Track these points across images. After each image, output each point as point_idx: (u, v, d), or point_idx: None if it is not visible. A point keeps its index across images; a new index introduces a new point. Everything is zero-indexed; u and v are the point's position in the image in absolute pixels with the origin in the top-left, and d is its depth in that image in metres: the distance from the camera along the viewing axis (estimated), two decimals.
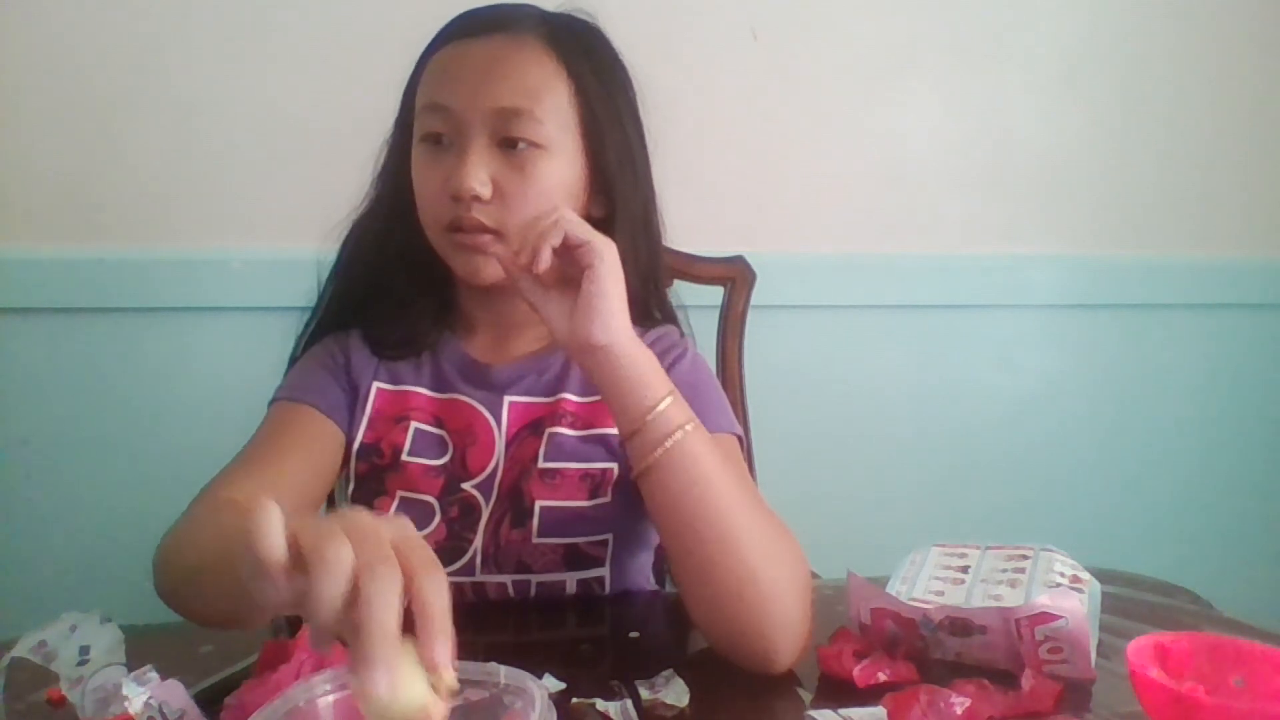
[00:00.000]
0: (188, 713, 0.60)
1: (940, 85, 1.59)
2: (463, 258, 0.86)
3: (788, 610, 0.73)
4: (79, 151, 1.29)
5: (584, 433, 0.92)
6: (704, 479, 0.73)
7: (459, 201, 0.83)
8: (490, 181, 0.83)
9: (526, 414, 0.92)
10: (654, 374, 0.75)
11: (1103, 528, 1.74)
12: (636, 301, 0.90)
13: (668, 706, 0.68)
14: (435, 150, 0.85)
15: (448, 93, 0.85)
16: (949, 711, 0.64)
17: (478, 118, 0.83)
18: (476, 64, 0.85)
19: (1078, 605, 0.70)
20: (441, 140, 0.85)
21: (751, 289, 1.40)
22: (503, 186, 0.83)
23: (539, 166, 0.84)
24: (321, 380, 0.92)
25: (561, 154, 0.86)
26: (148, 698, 0.58)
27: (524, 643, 0.85)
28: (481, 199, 0.83)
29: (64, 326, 1.31)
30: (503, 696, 0.54)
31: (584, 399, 0.93)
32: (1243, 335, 1.79)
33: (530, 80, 0.85)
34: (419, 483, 0.90)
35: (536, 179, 0.84)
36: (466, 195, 0.82)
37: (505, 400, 0.92)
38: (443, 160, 0.84)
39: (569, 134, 0.86)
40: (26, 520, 1.34)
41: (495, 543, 0.89)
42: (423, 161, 0.86)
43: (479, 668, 0.54)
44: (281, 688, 0.56)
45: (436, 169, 0.85)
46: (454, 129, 0.84)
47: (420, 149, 0.87)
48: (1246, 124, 1.74)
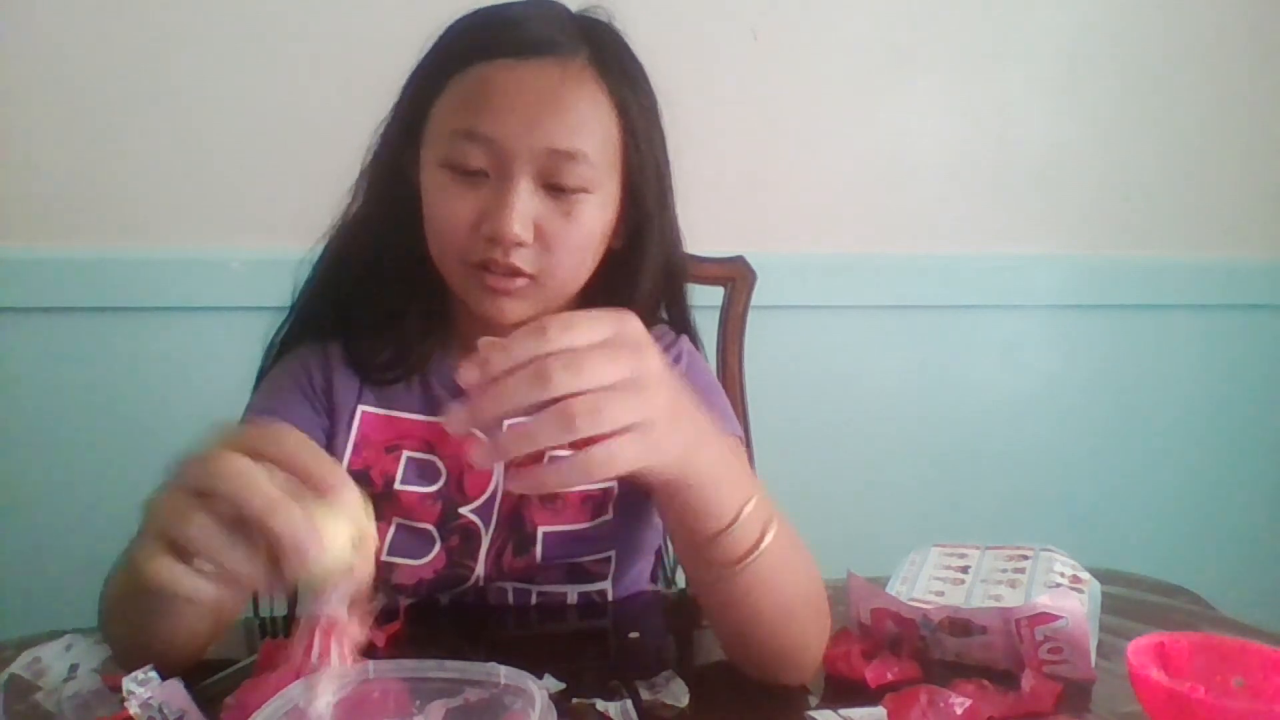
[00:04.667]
0: (188, 713, 0.60)
1: (940, 85, 1.59)
2: (488, 299, 0.79)
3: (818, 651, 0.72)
4: (79, 151, 1.29)
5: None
6: (780, 584, 0.68)
7: (495, 244, 0.76)
8: (533, 226, 0.77)
9: None
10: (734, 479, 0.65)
11: (1103, 528, 1.74)
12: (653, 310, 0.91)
13: (668, 706, 0.68)
14: (467, 181, 0.77)
15: (492, 123, 0.76)
16: (949, 711, 0.64)
17: (526, 156, 0.76)
18: (527, 96, 0.76)
19: (1078, 605, 0.70)
20: (474, 172, 0.77)
21: (752, 289, 1.40)
22: (545, 231, 0.77)
23: (585, 212, 0.79)
24: (290, 400, 0.86)
25: (604, 195, 0.80)
26: (148, 698, 0.58)
27: (524, 643, 0.85)
28: (524, 244, 0.76)
29: (64, 326, 1.31)
30: (503, 696, 0.54)
31: None
32: (1242, 335, 1.79)
33: (585, 119, 0.78)
34: (415, 511, 0.86)
35: (580, 224, 0.79)
36: (509, 241, 0.75)
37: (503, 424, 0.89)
38: (476, 194, 0.77)
39: (613, 174, 0.81)
40: (26, 520, 1.34)
41: (498, 568, 0.87)
42: (451, 191, 0.78)
43: (479, 668, 0.54)
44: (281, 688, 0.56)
45: (467, 202, 0.77)
46: (496, 164, 0.76)
47: (446, 176, 0.78)
48: (1247, 125, 1.74)
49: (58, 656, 0.66)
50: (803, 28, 1.51)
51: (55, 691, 0.63)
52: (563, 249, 0.78)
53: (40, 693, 0.63)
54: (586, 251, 0.82)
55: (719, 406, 0.90)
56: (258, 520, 0.47)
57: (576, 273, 0.82)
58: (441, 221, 0.79)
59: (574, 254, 0.80)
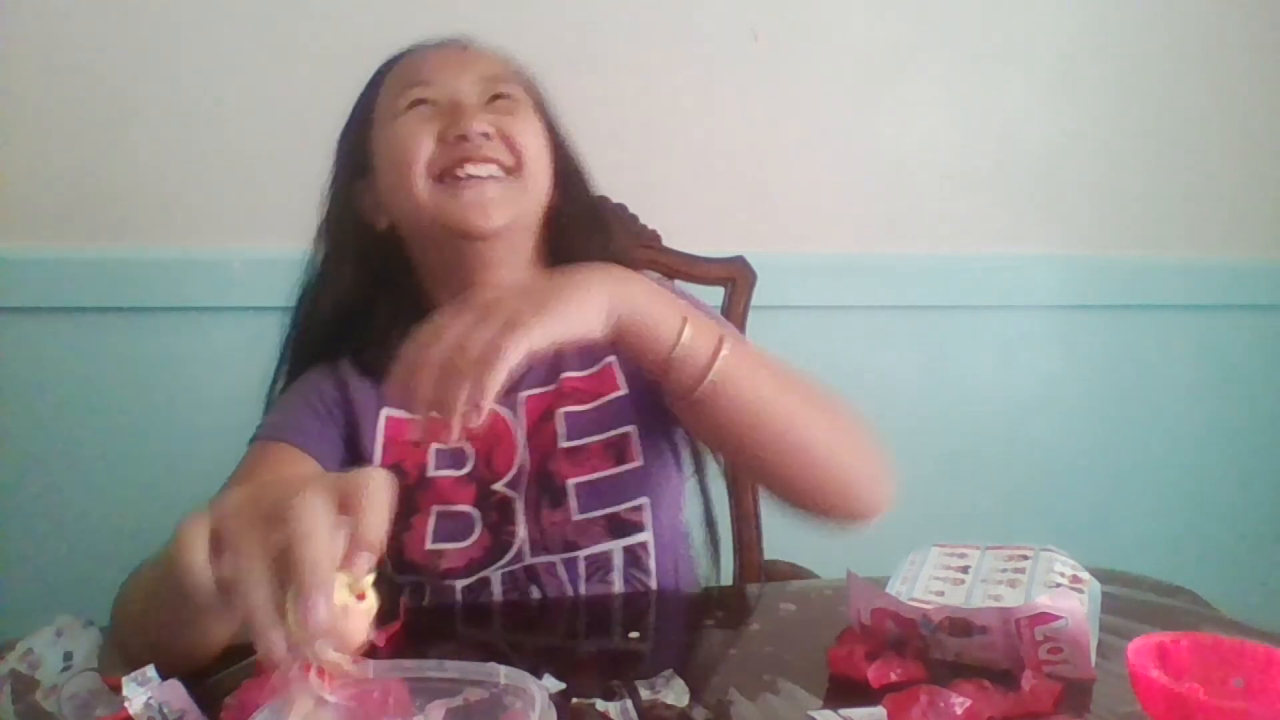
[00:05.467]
0: (188, 713, 0.60)
1: (940, 85, 1.59)
2: (471, 207, 0.85)
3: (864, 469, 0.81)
4: (80, 151, 1.29)
5: (593, 404, 0.92)
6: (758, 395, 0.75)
7: (463, 140, 0.84)
8: (491, 126, 0.86)
9: (539, 404, 0.93)
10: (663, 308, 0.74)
11: (1103, 528, 1.74)
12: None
13: (668, 706, 0.68)
14: (421, 114, 0.87)
15: (430, 69, 0.89)
16: (949, 711, 0.64)
17: (466, 84, 0.88)
18: (450, 51, 0.92)
19: (1078, 605, 0.70)
20: (427, 103, 0.87)
21: (752, 289, 1.40)
22: (501, 128, 0.86)
23: (527, 113, 0.90)
24: (303, 417, 0.90)
25: (535, 124, 0.91)
26: (148, 698, 0.58)
27: (524, 643, 0.85)
28: (489, 135, 0.85)
29: (64, 326, 1.31)
30: (503, 696, 0.54)
31: (584, 372, 0.93)
32: (1242, 336, 1.79)
33: (504, 65, 0.93)
34: (452, 495, 0.89)
35: (528, 121, 0.89)
36: (476, 129, 0.84)
37: (520, 396, 0.92)
38: (433, 120, 0.86)
39: (537, 114, 0.92)
40: (26, 520, 1.34)
41: (539, 529, 0.90)
42: (412, 121, 0.87)
43: (479, 668, 0.54)
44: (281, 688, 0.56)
45: (429, 123, 0.86)
46: (443, 94, 0.87)
47: (404, 116, 0.87)
48: (1247, 125, 1.74)
49: (50, 645, 0.66)
50: (803, 28, 1.51)
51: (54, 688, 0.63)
52: (520, 138, 0.87)
53: (39, 690, 0.63)
54: (539, 151, 0.90)
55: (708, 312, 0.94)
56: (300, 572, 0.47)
57: (537, 167, 0.89)
58: (407, 152, 0.86)
59: (531, 144, 0.88)
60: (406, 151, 0.86)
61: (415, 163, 0.86)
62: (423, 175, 0.86)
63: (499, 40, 1.39)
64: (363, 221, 0.93)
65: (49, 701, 0.62)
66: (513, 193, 0.87)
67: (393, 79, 0.91)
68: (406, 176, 0.86)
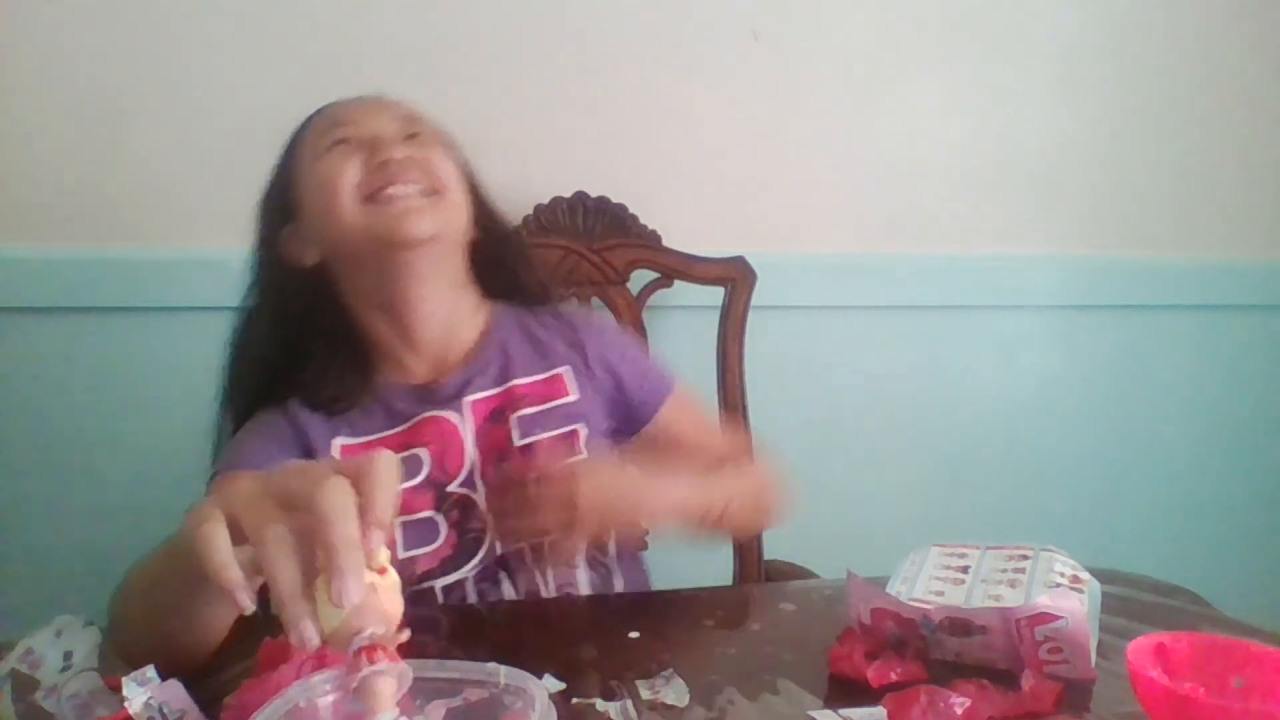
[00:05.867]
0: (188, 713, 0.60)
1: (940, 85, 1.59)
2: (393, 213, 0.90)
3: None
4: (80, 151, 1.29)
5: (544, 407, 0.98)
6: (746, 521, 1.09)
7: (386, 163, 0.90)
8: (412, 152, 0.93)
9: (486, 407, 0.97)
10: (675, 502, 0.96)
11: (1103, 528, 1.74)
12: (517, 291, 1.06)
13: (668, 707, 0.68)
14: (344, 149, 0.93)
15: (349, 114, 0.96)
16: (949, 711, 0.65)
17: (384, 122, 0.95)
18: (367, 99, 0.99)
19: (1078, 605, 0.70)
20: (349, 141, 0.93)
21: (752, 289, 1.40)
22: (418, 156, 0.93)
23: (442, 149, 0.96)
24: (258, 446, 0.93)
25: (451, 160, 0.97)
26: (148, 698, 0.58)
27: (524, 643, 0.85)
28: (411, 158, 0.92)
29: (64, 326, 1.31)
30: (503, 696, 0.54)
31: (532, 378, 1.00)
32: (1242, 336, 1.79)
33: (415, 109, 1.00)
34: (411, 505, 0.93)
35: (444, 156, 0.96)
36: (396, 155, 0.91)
37: (464, 401, 0.97)
38: (357, 151, 0.92)
39: (450, 153, 0.98)
40: (26, 520, 1.34)
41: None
42: (336, 157, 0.92)
43: (479, 668, 0.54)
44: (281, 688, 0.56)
45: (353, 155, 0.92)
46: (363, 131, 0.93)
47: (328, 154, 0.93)
48: (1247, 125, 1.74)
49: (50, 644, 0.66)
50: (803, 28, 1.51)
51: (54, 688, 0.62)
52: (438, 167, 0.94)
53: (40, 690, 0.63)
54: (456, 180, 0.96)
55: (654, 370, 1.09)
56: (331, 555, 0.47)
57: (456, 193, 0.95)
58: (335, 176, 0.91)
59: (449, 172, 0.95)
60: (334, 179, 0.91)
61: (343, 187, 0.91)
62: (352, 197, 0.91)
63: (499, 39, 1.40)
64: (291, 265, 0.97)
65: (49, 701, 0.62)
66: (436, 208, 0.92)
67: (313, 129, 0.97)
68: (336, 200, 0.91)
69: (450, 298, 0.98)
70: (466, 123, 1.39)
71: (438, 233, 0.92)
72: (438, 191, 0.93)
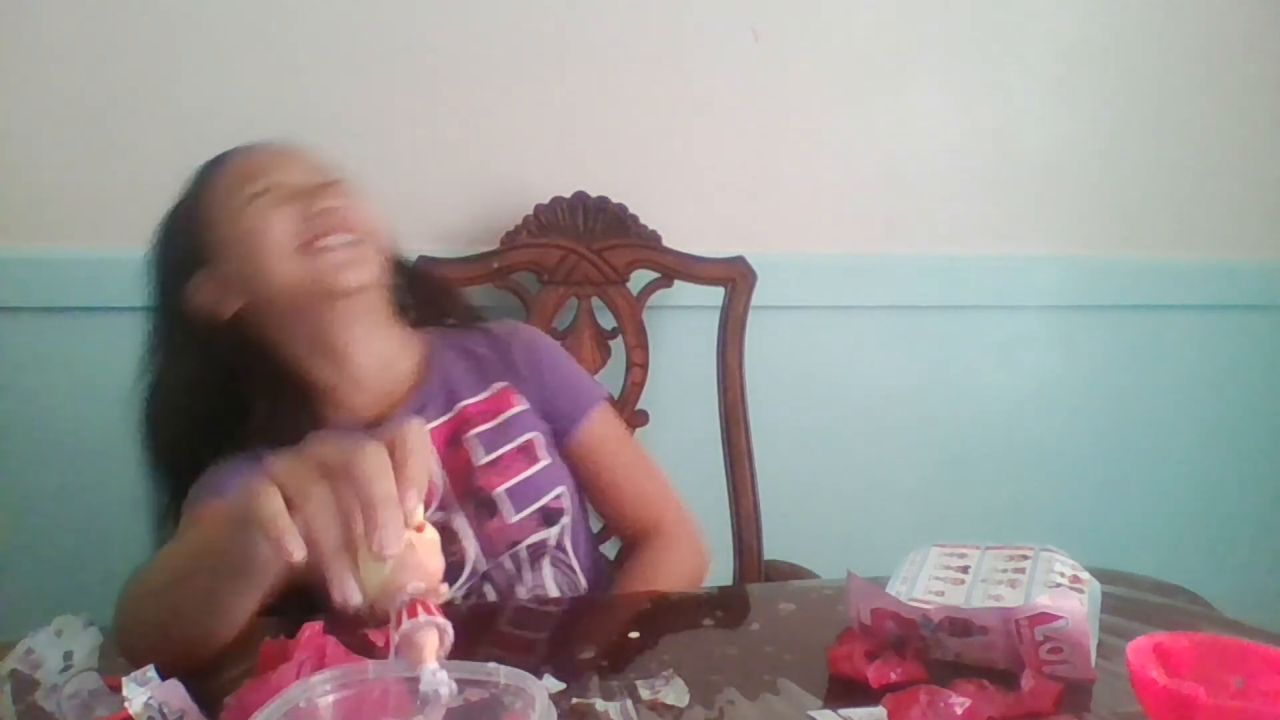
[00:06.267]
0: (188, 713, 0.60)
1: (940, 85, 1.59)
2: (331, 261, 0.92)
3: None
4: (79, 151, 1.29)
5: (496, 422, 1.01)
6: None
7: (322, 213, 0.92)
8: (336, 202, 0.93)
9: (441, 434, 0.99)
10: None
11: (1102, 528, 1.74)
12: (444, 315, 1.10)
13: (668, 707, 0.68)
14: (269, 201, 0.93)
15: (262, 165, 0.95)
16: (949, 711, 0.65)
17: (300, 172, 0.95)
18: (275, 149, 0.98)
19: (1078, 605, 0.70)
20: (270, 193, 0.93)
21: (752, 289, 1.40)
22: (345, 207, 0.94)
23: (362, 200, 0.97)
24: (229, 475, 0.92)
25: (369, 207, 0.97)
26: (148, 698, 0.58)
27: (524, 643, 0.85)
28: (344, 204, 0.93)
29: (64, 326, 1.31)
30: (503, 696, 0.54)
31: (480, 397, 1.03)
32: (1242, 336, 1.79)
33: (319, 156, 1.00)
34: None
35: (360, 198, 0.96)
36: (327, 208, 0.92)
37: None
38: (284, 203, 0.93)
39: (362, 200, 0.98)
40: (26, 520, 1.34)
41: (485, 538, 0.97)
42: (264, 209, 0.92)
43: (479, 668, 0.54)
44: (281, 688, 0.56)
45: (282, 207, 0.92)
46: (283, 182, 0.94)
47: (252, 206, 0.93)
48: (1247, 125, 1.74)
49: (50, 644, 0.66)
50: (803, 28, 1.51)
51: (54, 688, 0.62)
52: (364, 213, 0.95)
53: (40, 690, 0.63)
54: (376, 224, 0.97)
55: (582, 381, 1.12)
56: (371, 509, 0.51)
57: (378, 236, 0.97)
58: (268, 229, 0.92)
59: (370, 215, 0.96)
60: (267, 232, 0.92)
61: (276, 238, 0.92)
62: (286, 248, 0.92)
63: (499, 40, 1.40)
64: (205, 316, 0.96)
65: (49, 701, 0.61)
66: (366, 255, 0.94)
67: (226, 179, 0.97)
68: (268, 251, 0.92)
69: (385, 335, 1.01)
70: (467, 123, 1.40)
71: (370, 280, 0.95)
72: (366, 239, 0.95)
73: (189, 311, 0.96)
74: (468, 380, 1.04)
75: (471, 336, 1.08)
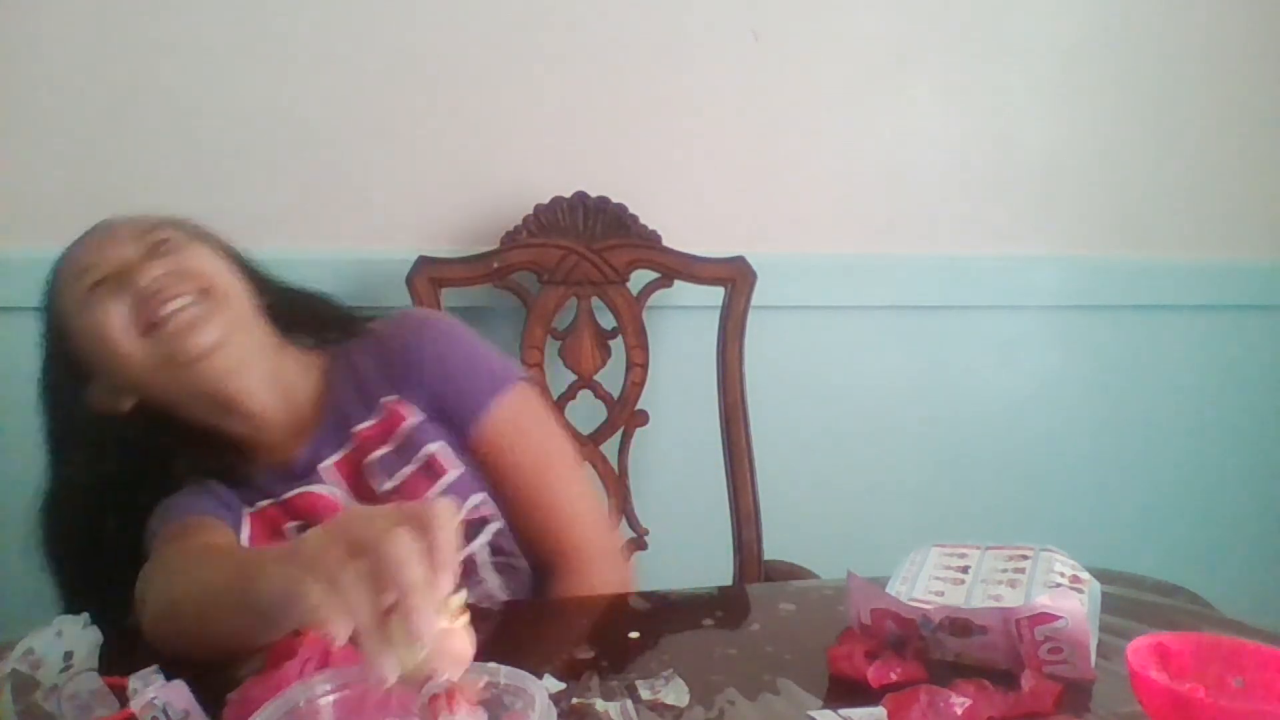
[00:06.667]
0: (191, 713, 0.60)
1: (940, 85, 1.59)
2: (173, 331, 0.88)
3: None
4: (80, 151, 1.29)
5: (392, 444, 0.97)
6: None
7: (151, 291, 0.88)
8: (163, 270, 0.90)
9: (346, 466, 0.97)
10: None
11: (1102, 528, 1.74)
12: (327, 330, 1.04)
13: (668, 707, 0.68)
14: (100, 292, 0.90)
15: (89, 253, 0.92)
16: (949, 711, 0.65)
17: (125, 249, 0.91)
18: (98, 232, 0.96)
19: (1078, 605, 0.70)
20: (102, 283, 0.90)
21: (752, 289, 1.40)
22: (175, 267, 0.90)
23: (191, 244, 0.94)
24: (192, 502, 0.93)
25: (203, 248, 0.95)
26: (152, 697, 0.58)
27: (524, 643, 0.85)
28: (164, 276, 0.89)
29: None
30: (503, 696, 0.54)
31: (370, 421, 0.98)
32: (1242, 336, 1.79)
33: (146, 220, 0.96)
34: None
35: (195, 250, 0.93)
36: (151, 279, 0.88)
37: (321, 469, 0.97)
38: (112, 290, 0.89)
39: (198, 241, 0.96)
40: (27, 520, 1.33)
41: None
42: (94, 305, 0.90)
43: (479, 668, 0.54)
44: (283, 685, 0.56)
45: (111, 296, 0.89)
46: (109, 266, 0.90)
47: (87, 303, 0.90)
48: (1246, 125, 1.74)
49: (50, 645, 0.66)
50: (803, 28, 1.51)
51: (54, 688, 0.63)
52: (194, 266, 0.91)
53: (40, 690, 0.63)
54: (218, 267, 0.94)
55: (478, 369, 1.00)
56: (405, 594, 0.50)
57: (223, 281, 0.93)
58: (104, 325, 0.89)
59: (206, 266, 0.93)
60: (104, 328, 0.89)
61: (115, 331, 0.89)
62: (129, 337, 0.89)
63: (499, 40, 1.40)
64: (108, 418, 0.95)
65: (49, 701, 0.62)
66: (212, 309, 0.90)
67: (63, 284, 0.95)
68: (115, 347, 0.89)
69: (272, 371, 0.96)
70: (467, 123, 1.40)
71: (224, 334, 0.90)
72: (208, 290, 0.91)
73: (94, 419, 0.96)
74: (355, 403, 0.98)
75: (364, 345, 1.01)
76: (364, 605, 0.51)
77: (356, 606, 0.51)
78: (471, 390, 0.98)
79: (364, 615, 0.51)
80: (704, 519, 1.41)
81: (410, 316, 1.06)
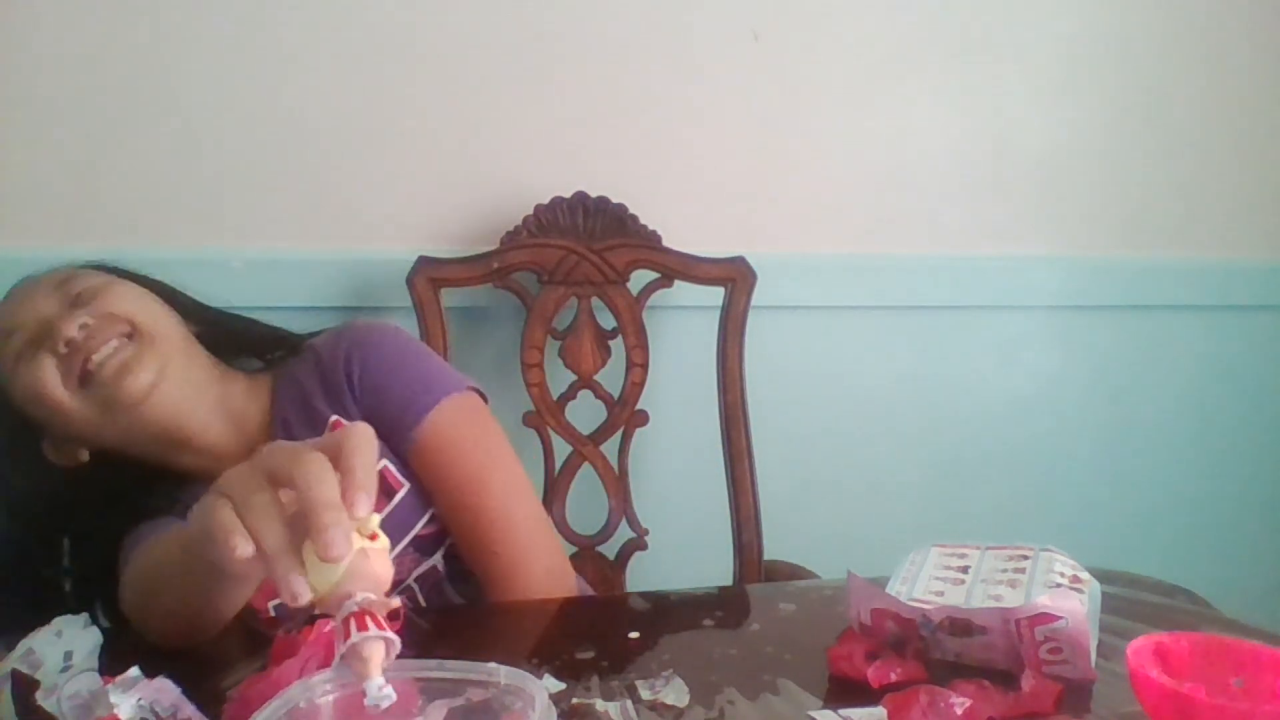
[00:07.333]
0: (180, 709, 0.60)
1: (940, 86, 1.59)
2: (107, 378, 0.88)
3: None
4: (79, 151, 1.29)
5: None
6: None
7: (73, 345, 0.87)
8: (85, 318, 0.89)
9: None
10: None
11: (1102, 528, 1.74)
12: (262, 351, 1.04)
13: (668, 707, 0.68)
14: (28, 352, 0.89)
15: (11, 314, 0.92)
16: (949, 711, 0.65)
17: (44, 304, 0.91)
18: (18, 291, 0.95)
19: (1078, 606, 0.70)
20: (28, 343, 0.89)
21: (752, 289, 1.40)
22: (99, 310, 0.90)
23: (112, 286, 0.94)
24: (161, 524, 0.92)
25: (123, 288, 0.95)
26: (137, 700, 0.58)
27: (524, 643, 0.85)
28: (88, 324, 0.88)
29: None
30: (503, 696, 0.54)
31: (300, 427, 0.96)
32: (1241, 336, 1.79)
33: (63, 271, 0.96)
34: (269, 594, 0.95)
35: (116, 291, 0.93)
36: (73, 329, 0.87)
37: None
38: (39, 348, 0.89)
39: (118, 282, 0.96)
40: None
41: None
42: (23, 366, 0.89)
43: (479, 668, 0.54)
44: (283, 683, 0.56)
45: (39, 354, 0.89)
46: (31, 324, 0.90)
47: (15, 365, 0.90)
48: (1246, 125, 1.74)
49: (50, 644, 0.66)
50: (803, 28, 1.51)
51: (54, 688, 0.63)
52: (117, 308, 0.91)
53: (39, 690, 0.63)
54: (143, 305, 0.94)
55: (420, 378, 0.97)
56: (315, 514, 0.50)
57: (149, 317, 0.93)
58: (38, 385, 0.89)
59: (130, 305, 0.92)
60: (40, 386, 0.88)
61: (50, 389, 0.88)
62: (67, 393, 0.89)
63: (499, 40, 1.40)
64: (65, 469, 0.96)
65: (49, 701, 0.61)
66: (143, 349, 0.90)
67: None
68: (53, 403, 0.89)
69: (218, 399, 0.95)
70: (467, 123, 1.40)
71: (159, 373, 0.90)
72: (134, 331, 0.90)
73: (55, 472, 0.96)
74: (303, 424, 0.96)
75: (306, 362, 0.99)
76: (272, 525, 0.52)
77: (264, 526, 0.52)
78: (405, 401, 0.94)
79: (271, 535, 0.51)
80: (704, 519, 1.41)
81: (347, 330, 1.02)
